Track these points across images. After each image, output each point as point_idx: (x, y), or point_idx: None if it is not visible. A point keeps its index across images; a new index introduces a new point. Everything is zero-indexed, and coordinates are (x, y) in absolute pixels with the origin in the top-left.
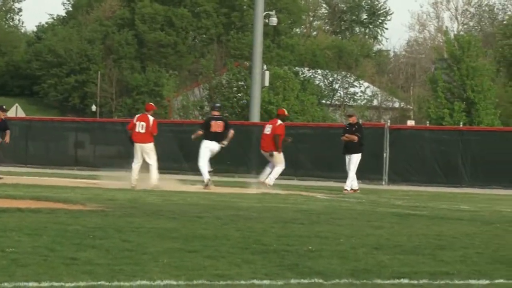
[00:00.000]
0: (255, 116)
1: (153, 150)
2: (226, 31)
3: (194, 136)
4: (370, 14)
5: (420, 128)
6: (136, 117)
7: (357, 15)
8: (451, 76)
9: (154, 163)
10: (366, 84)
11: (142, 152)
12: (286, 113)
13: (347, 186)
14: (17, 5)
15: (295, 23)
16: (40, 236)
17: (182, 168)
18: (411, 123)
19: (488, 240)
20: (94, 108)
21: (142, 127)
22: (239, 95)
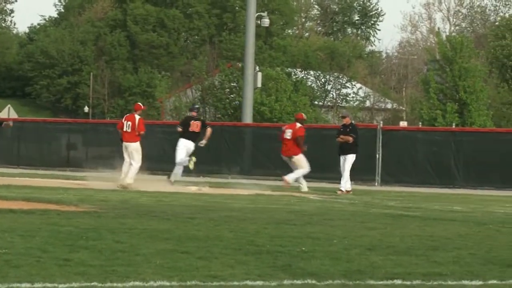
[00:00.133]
0: (248, 117)
1: (137, 151)
2: (218, 32)
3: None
4: (362, 15)
5: (412, 129)
6: (124, 117)
7: (349, 16)
8: (444, 77)
9: (135, 164)
10: (358, 85)
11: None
12: (304, 117)
13: (342, 187)
14: (9, 6)
15: (287, 24)
16: (33, 237)
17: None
18: (403, 124)
19: (481, 241)
20: (86, 109)
21: (128, 126)
22: (232, 96)
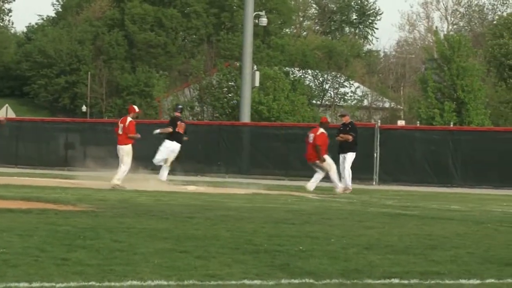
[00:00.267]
0: (246, 117)
1: (127, 154)
2: (216, 31)
3: (160, 131)
4: (360, 14)
5: (410, 128)
6: (120, 119)
7: (347, 15)
8: (441, 76)
9: (123, 167)
10: (356, 84)
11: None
12: (328, 120)
13: (348, 185)
14: (6, 6)
15: (285, 23)
16: (31, 237)
17: (173, 168)
18: (401, 123)
19: (479, 240)
20: (84, 108)
21: (121, 128)
22: (229, 95)
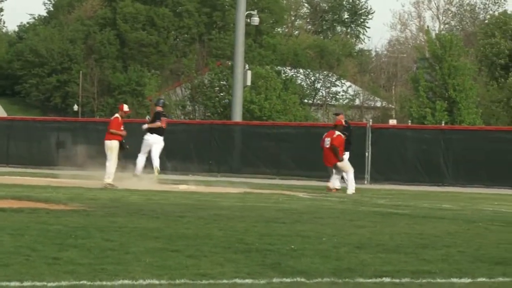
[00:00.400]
0: (237, 116)
1: (110, 149)
2: (208, 30)
3: (149, 126)
4: (352, 13)
5: (402, 127)
6: None
7: (338, 14)
8: (433, 75)
9: (107, 163)
10: (348, 83)
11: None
12: (343, 122)
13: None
14: None
15: (277, 22)
16: (22, 236)
17: (165, 167)
18: (393, 122)
19: (470, 238)
20: (76, 107)
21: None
22: (221, 94)
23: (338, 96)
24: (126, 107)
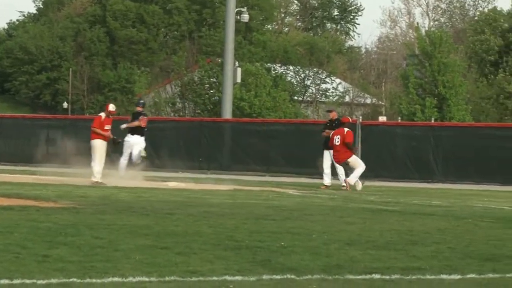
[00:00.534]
0: (227, 113)
1: (94, 147)
2: (198, 27)
3: (127, 125)
4: (342, 10)
5: (392, 124)
6: None
7: (328, 11)
8: (423, 72)
9: (92, 163)
10: (338, 80)
11: None
12: (350, 119)
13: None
14: None
15: (266, 19)
16: (12, 234)
17: (154, 164)
18: (382, 119)
19: (460, 235)
20: (65, 105)
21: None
22: (211, 91)
23: (328, 93)
24: (111, 107)
